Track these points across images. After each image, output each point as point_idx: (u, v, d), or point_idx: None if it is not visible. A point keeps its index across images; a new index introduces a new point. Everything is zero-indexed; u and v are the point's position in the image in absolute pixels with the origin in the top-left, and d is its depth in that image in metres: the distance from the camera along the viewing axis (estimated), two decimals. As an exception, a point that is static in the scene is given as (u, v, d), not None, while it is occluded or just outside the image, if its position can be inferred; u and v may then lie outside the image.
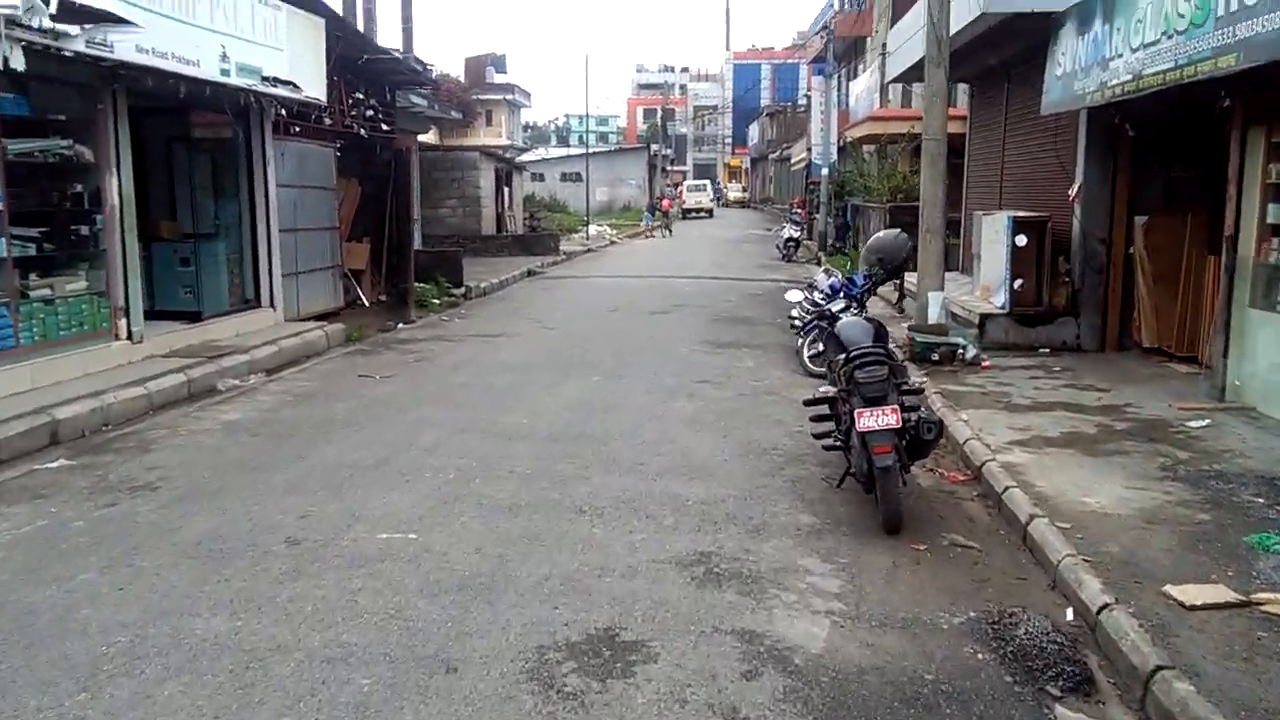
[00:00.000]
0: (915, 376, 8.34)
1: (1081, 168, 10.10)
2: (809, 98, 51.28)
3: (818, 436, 5.89)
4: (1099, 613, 4.13)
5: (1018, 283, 10.35)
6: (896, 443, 5.03)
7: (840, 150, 27.74)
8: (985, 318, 10.41)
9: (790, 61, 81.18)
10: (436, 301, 15.52)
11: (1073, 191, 10.23)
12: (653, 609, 4.22)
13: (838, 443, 5.72)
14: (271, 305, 11.87)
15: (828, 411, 5.94)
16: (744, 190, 77.82)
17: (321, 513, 5.42)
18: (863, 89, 30.02)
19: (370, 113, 15.31)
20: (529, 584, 4.46)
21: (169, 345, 9.90)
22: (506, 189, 30.34)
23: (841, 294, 9.86)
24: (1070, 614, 4.33)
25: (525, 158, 59.22)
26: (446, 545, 4.92)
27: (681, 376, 9.54)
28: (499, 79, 79.09)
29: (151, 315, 10.36)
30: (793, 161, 50.89)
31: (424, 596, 4.30)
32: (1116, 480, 5.88)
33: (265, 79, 10.47)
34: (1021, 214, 10.57)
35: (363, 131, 14.94)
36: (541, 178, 51.51)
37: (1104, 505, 5.44)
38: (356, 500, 5.64)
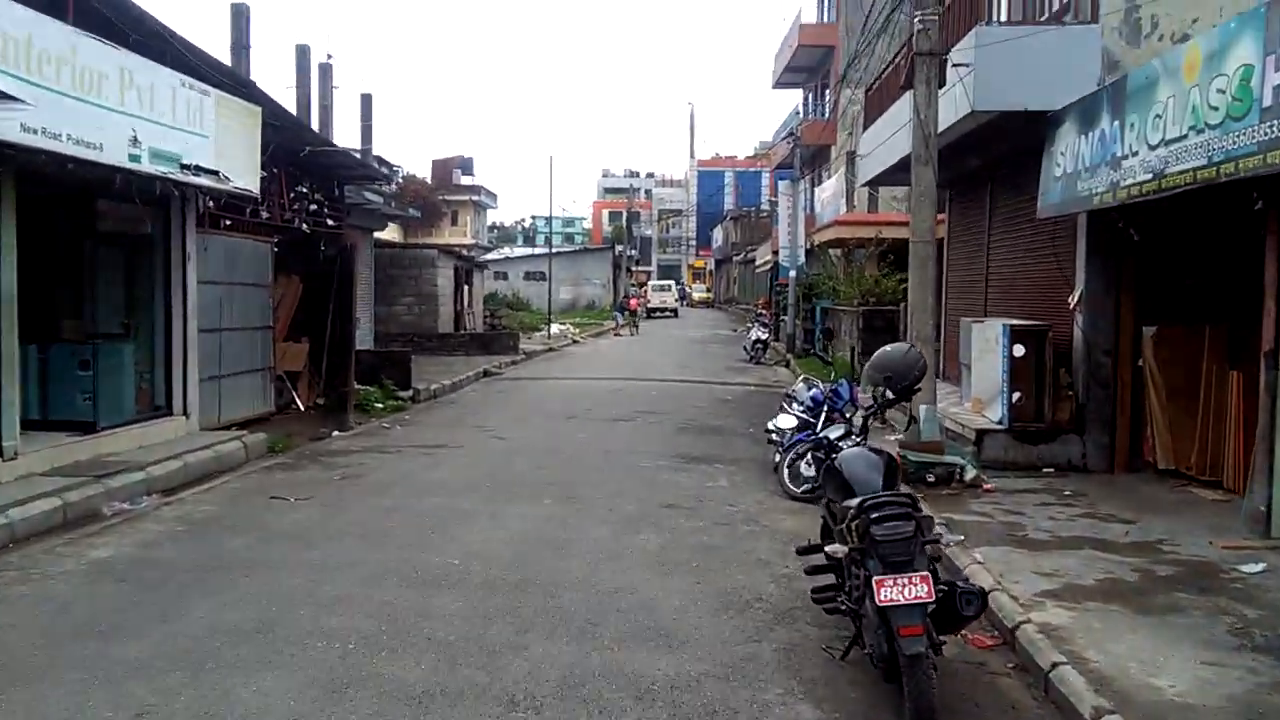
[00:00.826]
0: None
1: (1082, 274, 9.30)
2: (774, 202, 51.86)
3: (818, 600, 4.71)
4: None
5: (1016, 396, 9.38)
6: (927, 621, 3.87)
7: (807, 253, 27.33)
8: (983, 434, 9.39)
9: (752, 170, 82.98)
10: (380, 405, 14.26)
11: (1073, 300, 9.40)
12: None
13: (844, 607, 4.54)
14: (184, 413, 10.54)
15: (825, 562, 4.78)
16: (708, 291, 78.13)
17: (166, 709, 4.07)
18: (829, 194, 29.93)
19: (314, 207, 14.36)
20: (429, 839, 3.16)
21: (52, 461, 8.52)
22: (466, 287, 29.46)
23: (825, 408, 8.81)
24: None
25: (490, 257, 58.94)
26: (323, 768, 3.60)
27: (646, 500, 8.33)
28: (465, 180, 79.77)
29: (42, 425, 9.05)
30: (757, 264, 50.95)
31: None
32: (1185, 651, 4.74)
33: (185, 167, 9.42)
34: (1018, 322, 9.69)
35: (305, 226, 13.95)
36: (505, 276, 51.05)
37: (1182, 691, 4.28)
38: (218, 687, 4.30)
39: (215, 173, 10.07)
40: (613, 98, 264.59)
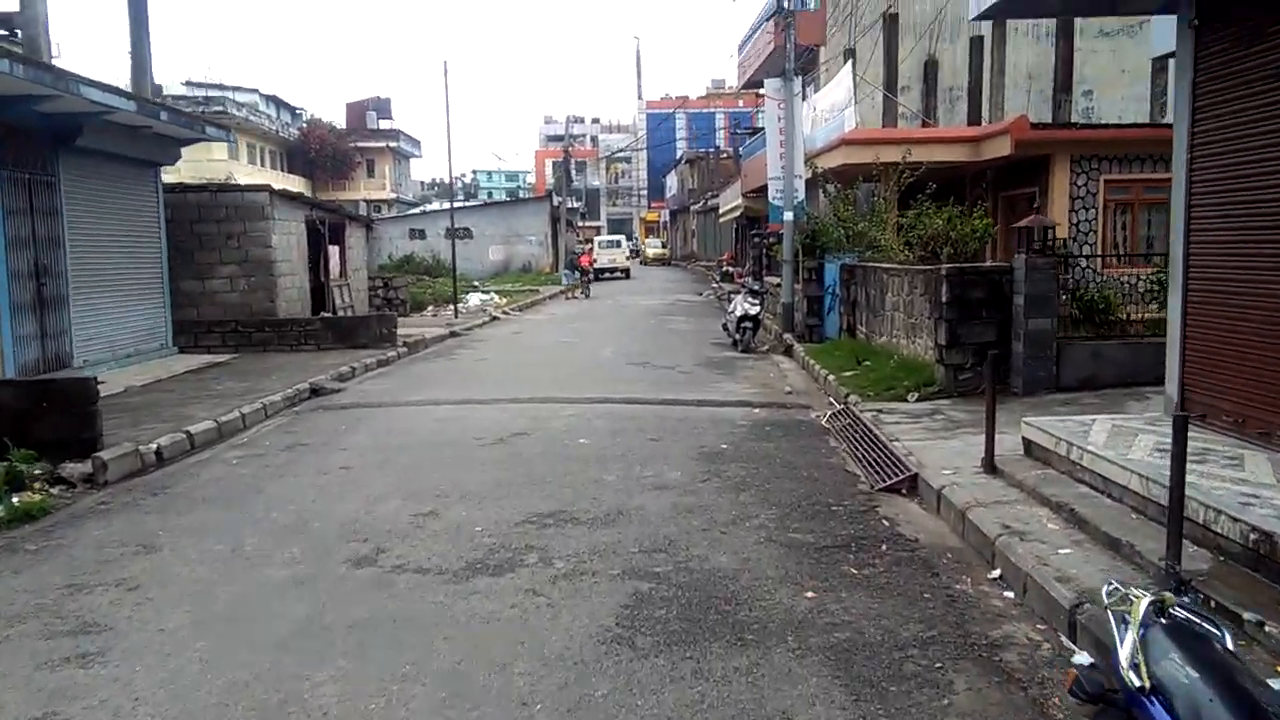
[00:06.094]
0: None
1: None
2: (739, 134, 44.04)
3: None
4: None
5: None
6: None
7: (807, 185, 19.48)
8: None
9: (707, 110, 74.68)
10: (-34, 522, 6.34)
11: None
12: None
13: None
14: None
15: None
16: (664, 246, 70.16)
17: None
18: (825, 105, 22.11)
19: None
20: None
21: None
22: (336, 248, 21.29)
23: None
24: None
25: (412, 213, 50.16)
26: None
27: None
28: (383, 124, 70.09)
29: None
30: (721, 212, 43.13)
31: None
32: None
33: None
34: None
35: None
36: (423, 235, 42.57)
37: None
38: None
39: None
40: (553, 39, 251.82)
